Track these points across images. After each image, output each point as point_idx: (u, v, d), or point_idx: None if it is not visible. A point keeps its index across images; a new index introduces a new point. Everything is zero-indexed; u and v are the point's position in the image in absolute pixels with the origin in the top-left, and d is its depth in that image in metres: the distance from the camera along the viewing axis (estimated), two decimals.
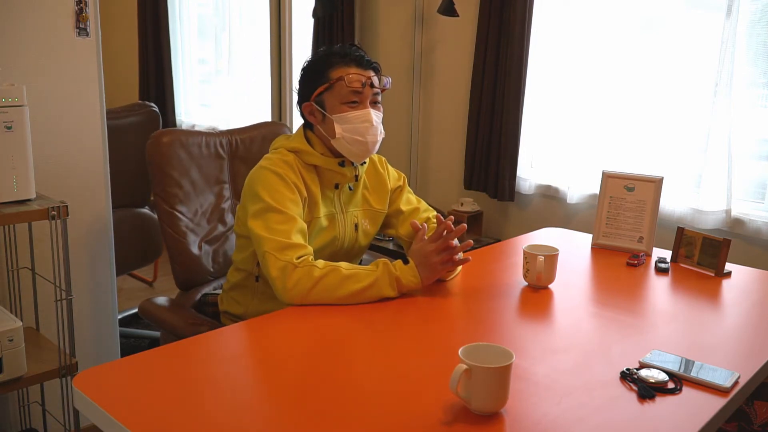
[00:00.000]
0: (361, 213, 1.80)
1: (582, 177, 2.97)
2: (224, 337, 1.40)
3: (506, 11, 3.05)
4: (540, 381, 1.19)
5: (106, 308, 2.36)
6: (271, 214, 1.57)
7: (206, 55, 5.01)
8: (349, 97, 1.67)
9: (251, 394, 1.14)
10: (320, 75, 1.69)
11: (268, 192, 1.60)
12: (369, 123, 1.67)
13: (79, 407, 1.12)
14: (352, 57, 1.69)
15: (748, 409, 1.63)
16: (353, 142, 1.67)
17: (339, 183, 1.73)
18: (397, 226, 1.87)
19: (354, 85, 1.66)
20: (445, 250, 1.55)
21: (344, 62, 1.68)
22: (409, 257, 1.57)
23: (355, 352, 1.32)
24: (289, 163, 1.66)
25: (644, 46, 2.80)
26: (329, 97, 1.68)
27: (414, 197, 1.92)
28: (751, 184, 2.61)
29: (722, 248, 1.79)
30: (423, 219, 1.86)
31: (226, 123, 4.66)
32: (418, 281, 1.53)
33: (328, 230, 1.72)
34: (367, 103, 1.69)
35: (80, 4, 2.12)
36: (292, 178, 1.63)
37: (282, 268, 1.50)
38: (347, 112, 1.67)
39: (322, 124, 1.70)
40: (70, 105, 2.16)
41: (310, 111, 1.72)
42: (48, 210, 1.76)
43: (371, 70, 1.71)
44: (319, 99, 1.69)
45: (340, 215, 1.75)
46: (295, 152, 1.70)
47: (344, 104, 1.67)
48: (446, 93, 3.49)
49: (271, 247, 1.53)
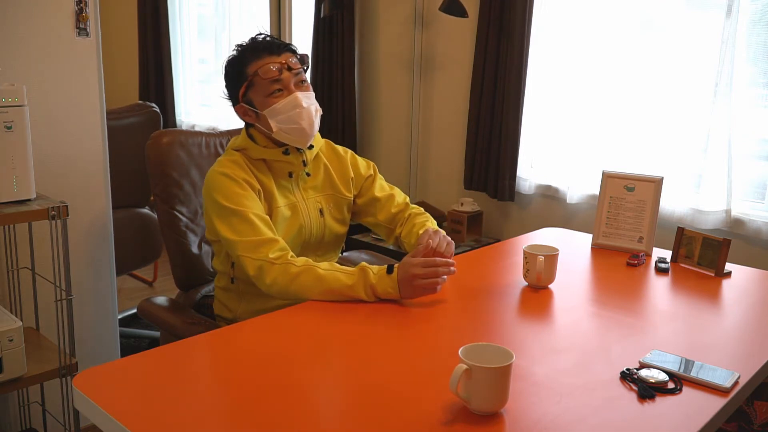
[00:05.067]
0: (324, 198, 1.80)
1: (582, 177, 2.97)
2: (224, 337, 1.40)
3: (506, 11, 3.05)
4: (540, 381, 1.19)
5: (106, 308, 2.36)
6: (233, 218, 1.59)
7: (206, 55, 5.01)
8: (270, 87, 1.66)
9: (251, 394, 1.14)
10: (239, 75, 1.69)
11: (223, 195, 1.62)
12: (299, 107, 1.66)
13: (79, 407, 1.12)
14: (263, 46, 1.68)
15: (748, 409, 1.63)
16: (291, 131, 1.67)
17: (292, 171, 1.74)
18: (375, 213, 1.88)
19: (270, 74, 1.64)
20: (432, 277, 1.53)
21: (256, 55, 1.67)
22: (396, 267, 1.54)
23: (354, 351, 1.32)
24: (237, 162, 1.67)
25: (644, 46, 2.80)
26: (254, 94, 1.68)
27: (387, 184, 1.93)
28: (751, 184, 2.61)
29: (722, 248, 1.79)
30: (401, 204, 1.88)
31: (226, 123, 4.66)
32: (396, 294, 1.51)
33: (292, 219, 1.73)
34: (291, 86, 1.67)
35: (80, 4, 2.12)
36: (241, 175, 1.65)
37: (258, 267, 1.54)
38: (275, 104, 1.66)
39: (258, 121, 1.70)
40: (70, 105, 2.16)
41: (243, 112, 1.73)
42: (48, 210, 1.76)
43: (286, 53, 1.69)
44: (247, 98, 1.70)
45: (302, 203, 1.75)
46: (240, 150, 1.71)
47: (269, 96, 1.66)
48: (446, 93, 3.49)
49: (243, 249, 1.56)
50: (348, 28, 3.68)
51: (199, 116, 5.01)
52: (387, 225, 1.88)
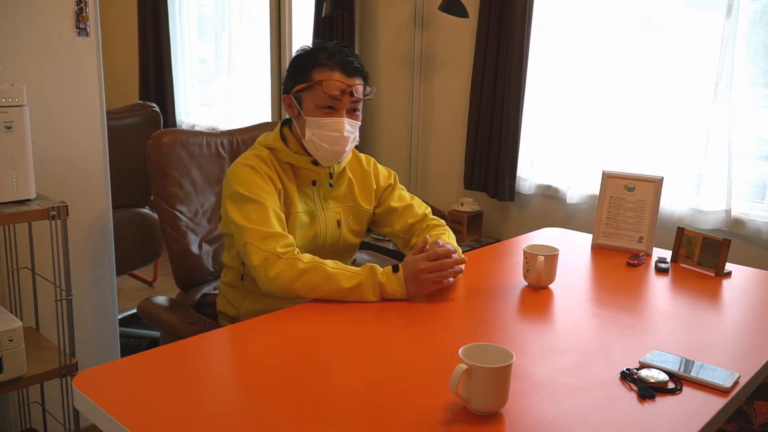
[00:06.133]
0: (343, 210, 1.79)
1: (582, 177, 2.97)
2: (224, 337, 1.40)
3: (506, 11, 3.05)
4: (540, 381, 1.19)
5: (106, 308, 2.36)
6: (248, 205, 1.58)
7: (206, 55, 5.01)
8: (325, 102, 1.64)
9: (251, 394, 1.14)
10: (303, 72, 1.67)
11: (242, 185, 1.61)
12: (339, 133, 1.64)
13: (79, 407, 1.12)
14: (339, 60, 1.64)
15: (748, 409, 1.63)
16: (320, 148, 1.66)
17: (316, 180, 1.73)
18: (392, 223, 1.86)
19: (332, 92, 1.62)
20: (439, 270, 1.54)
21: (329, 65, 1.64)
22: (401, 266, 1.55)
23: (354, 352, 1.32)
24: (263, 158, 1.67)
25: (644, 46, 2.79)
26: (307, 97, 1.66)
27: (407, 194, 1.91)
28: (751, 184, 2.61)
29: (722, 248, 1.79)
30: (419, 215, 1.86)
31: (226, 123, 4.66)
32: (404, 292, 1.52)
33: (309, 227, 1.72)
34: (342, 111, 1.65)
35: (80, 4, 2.12)
36: (265, 170, 1.64)
37: (264, 258, 1.51)
38: (320, 117, 1.64)
39: (298, 120, 1.70)
40: (70, 105, 2.16)
41: (289, 104, 1.71)
42: (48, 210, 1.76)
43: (357, 78, 1.66)
44: (298, 95, 1.68)
45: (320, 212, 1.74)
46: (270, 149, 1.70)
47: (320, 108, 1.64)
48: (446, 93, 3.49)
49: (252, 237, 1.54)
50: (348, 27, 3.67)
51: (199, 116, 5.01)
52: (403, 235, 1.85)
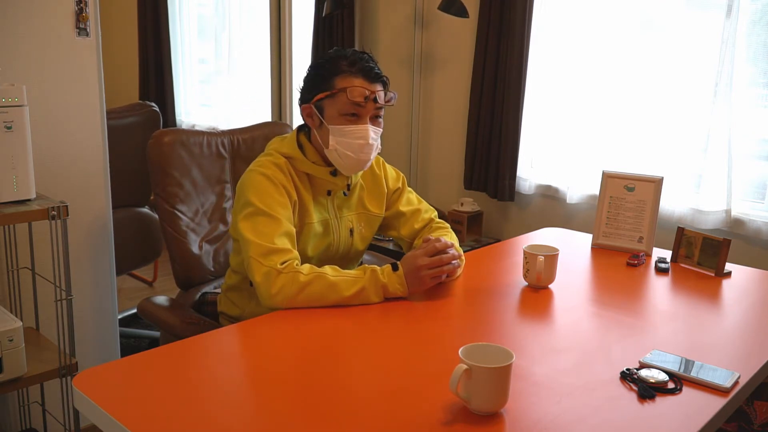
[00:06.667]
0: (356, 217, 1.78)
1: (582, 177, 2.97)
2: (224, 337, 1.40)
3: (506, 11, 3.05)
4: (540, 381, 1.19)
5: (106, 308, 2.36)
6: (259, 217, 1.56)
7: (206, 55, 5.01)
8: (349, 109, 1.62)
9: (251, 394, 1.14)
10: (325, 80, 1.64)
11: (257, 195, 1.58)
12: (364, 140, 1.63)
13: (79, 407, 1.12)
14: (361, 67, 1.63)
15: (748, 409, 1.63)
16: (345, 157, 1.64)
17: (331, 190, 1.72)
18: (399, 227, 1.86)
19: (356, 98, 1.60)
20: (438, 266, 1.54)
21: (351, 71, 1.62)
22: (399, 264, 1.55)
23: (354, 352, 1.32)
24: (280, 166, 1.64)
25: (644, 46, 2.80)
26: (329, 105, 1.63)
27: (415, 197, 1.90)
28: (751, 184, 2.61)
29: (722, 248, 1.79)
30: (426, 220, 1.86)
31: (226, 123, 4.66)
32: (405, 290, 1.52)
33: (323, 236, 1.71)
34: (366, 118, 1.64)
35: (80, 4, 2.12)
36: (281, 180, 1.61)
37: (266, 274, 1.48)
38: (344, 125, 1.62)
39: (319, 129, 1.67)
40: (70, 105, 2.16)
41: (309, 113, 1.68)
42: (48, 210, 1.76)
43: (378, 84, 1.65)
44: (319, 104, 1.65)
45: (334, 221, 1.73)
46: (288, 158, 1.67)
47: (343, 115, 1.62)
48: (446, 93, 3.49)
49: (255, 252, 1.52)
50: (348, 27, 3.67)
51: (199, 116, 5.01)
52: (409, 240, 1.85)
